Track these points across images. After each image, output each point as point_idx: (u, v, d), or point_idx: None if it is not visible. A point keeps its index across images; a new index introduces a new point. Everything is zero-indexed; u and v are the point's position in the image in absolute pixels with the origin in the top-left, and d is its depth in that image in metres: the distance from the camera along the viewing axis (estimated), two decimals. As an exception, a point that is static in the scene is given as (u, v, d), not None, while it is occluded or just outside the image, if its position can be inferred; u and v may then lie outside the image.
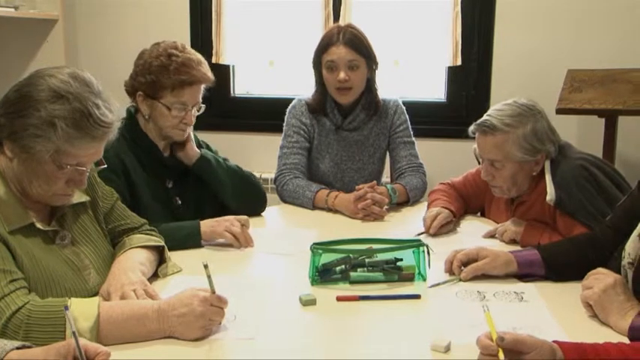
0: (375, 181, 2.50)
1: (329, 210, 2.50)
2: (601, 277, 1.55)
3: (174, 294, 1.50)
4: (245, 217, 2.11)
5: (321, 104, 2.64)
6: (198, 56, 2.13)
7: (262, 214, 2.47)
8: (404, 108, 2.74)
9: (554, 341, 1.28)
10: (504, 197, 2.20)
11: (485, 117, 2.08)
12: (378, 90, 2.68)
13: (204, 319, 1.44)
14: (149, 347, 1.40)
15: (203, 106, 2.16)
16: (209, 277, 1.47)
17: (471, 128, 2.11)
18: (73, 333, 1.16)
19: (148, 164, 2.15)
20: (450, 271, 1.84)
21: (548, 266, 1.77)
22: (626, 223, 1.67)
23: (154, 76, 2.06)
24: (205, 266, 1.47)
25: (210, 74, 2.14)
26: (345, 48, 2.53)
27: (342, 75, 2.52)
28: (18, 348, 1.22)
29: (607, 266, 1.62)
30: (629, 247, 1.59)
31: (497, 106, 2.10)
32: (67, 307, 1.20)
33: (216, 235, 2.05)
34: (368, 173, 2.70)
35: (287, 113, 2.70)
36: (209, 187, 2.27)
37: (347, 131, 2.66)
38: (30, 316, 1.35)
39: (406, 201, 2.58)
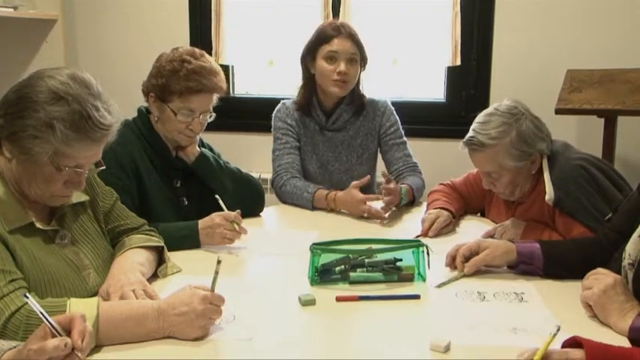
0: (391, 177, 2.48)
1: (330, 210, 2.49)
2: (601, 278, 1.55)
3: (173, 293, 1.50)
4: (234, 213, 2.07)
5: (306, 101, 2.64)
6: (214, 65, 2.15)
7: (261, 214, 2.47)
8: (393, 109, 2.73)
9: (576, 337, 1.26)
10: (508, 198, 2.20)
11: (471, 133, 2.08)
12: (363, 89, 2.68)
13: (205, 318, 1.44)
14: (149, 347, 1.40)
15: (213, 114, 2.18)
16: (217, 273, 1.47)
17: (461, 146, 2.11)
18: (40, 312, 1.16)
19: (158, 164, 2.17)
20: (451, 265, 1.85)
21: (548, 261, 1.77)
22: (627, 224, 1.67)
23: (165, 79, 2.09)
24: (218, 262, 1.47)
25: (222, 84, 2.15)
26: (349, 41, 2.56)
27: (343, 67, 2.52)
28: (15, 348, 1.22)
29: (607, 267, 1.62)
30: (630, 247, 1.59)
31: (480, 119, 2.09)
32: (26, 295, 1.20)
33: (212, 243, 2.05)
34: (357, 175, 2.66)
35: (273, 118, 2.71)
36: (209, 186, 2.27)
37: (332, 131, 2.66)
38: (29, 316, 1.34)
39: (412, 201, 2.58)
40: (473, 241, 1.87)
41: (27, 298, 1.19)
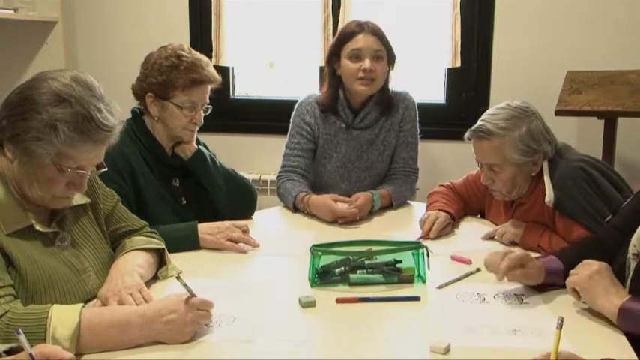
0: (356, 199, 2.42)
1: (308, 213, 2.45)
2: (587, 264, 1.60)
3: (158, 299, 1.50)
4: (244, 222, 2.14)
5: (332, 102, 2.58)
6: (206, 58, 2.17)
7: (262, 215, 2.47)
8: (415, 103, 2.67)
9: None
10: (504, 198, 2.20)
11: (479, 122, 2.09)
12: (392, 88, 2.62)
13: (194, 324, 1.44)
14: (147, 349, 1.40)
15: (210, 106, 2.20)
16: (184, 285, 1.47)
17: (467, 134, 2.11)
18: (30, 354, 1.15)
19: (154, 165, 2.17)
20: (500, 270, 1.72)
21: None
22: (632, 222, 1.68)
23: (165, 75, 2.09)
24: (178, 277, 1.49)
25: (217, 75, 2.18)
26: (373, 37, 2.51)
27: (368, 64, 2.47)
28: (6, 352, 1.22)
29: (613, 262, 1.66)
30: (635, 238, 1.63)
31: (491, 111, 2.11)
32: (18, 331, 1.17)
33: (216, 245, 2.05)
34: (376, 173, 2.64)
35: (294, 109, 2.66)
36: (203, 185, 2.28)
37: (358, 130, 2.61)
38: (9, 324, 1.33)
39: (389, 205, 2.56)
40: (522, 252, 1.76)
41: (18, 333, 1.17)
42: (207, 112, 2.19)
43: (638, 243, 1.62)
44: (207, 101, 2.18)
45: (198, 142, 2.31)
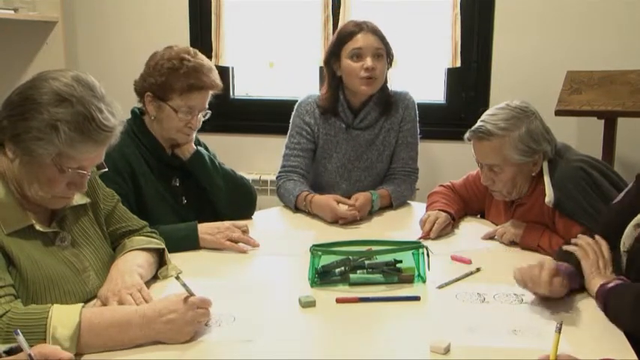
0: (356, 200, 2.42)
1: (309, 213, 2.46)
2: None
3: (157, 299, 1.50)
4: (243, 222, 2.14)
5: (332, 104, 2.58)
6: (210, 63, 2.16)
7: (262, 215, 2.47)
8: (415, 103, 2.67)
9: None
10: (504, 199, 2.20)
11: (479, 123, 2.09)
12: (391, 87, 2.63)
13: (194, 323, 1.44)
14: (147, 349, 1.40)
15: (209, 112, 2.18)
16: (184, 285, 1.48)
17: (467, 135, 2.11)
18: (29, 355, 1.15)
19: (154, 164, 2.17)
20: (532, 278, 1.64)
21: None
22: (624, 221, 1.70)
23: (165, 77, 2.08)
24: (177, 277, 1.50)
25: (219, 81, 2.16)
26: (373, 36, 2.51)
27: (369, 62, 2.46)
28: (6, 352, 1.22)
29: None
30: (626, 236, 1.67)
31: (491, 111, 2.12)
32: (17, 332, 1.18)
33: (216, 245, 2.06)
34: (376, 173, 2.65)
35: (294, 109, 2.66)
36: (203, 185, 2.28)
37: (358, 130, 2.61)
38: (10, 324, 1.33)
39: (389, 205, 2.57)
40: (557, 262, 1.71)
41: (17, 334, 1.17)
42: (206, 117, 2.19)
43: (627, 241, 1.66)
44: (206, 106, 2.16)
45: (198, 143, 2.31)
